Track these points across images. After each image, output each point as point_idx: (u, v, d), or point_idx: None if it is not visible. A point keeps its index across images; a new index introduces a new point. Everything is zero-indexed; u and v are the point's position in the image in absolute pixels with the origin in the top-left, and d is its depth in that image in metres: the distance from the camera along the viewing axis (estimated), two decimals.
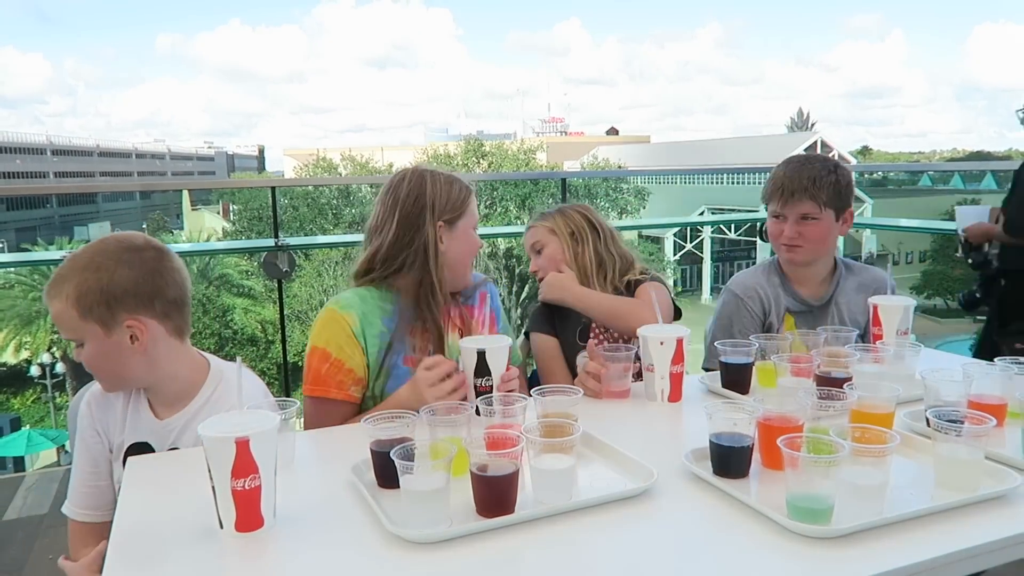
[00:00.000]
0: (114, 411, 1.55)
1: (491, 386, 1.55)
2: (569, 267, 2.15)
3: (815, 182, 2.08)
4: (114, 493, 1.54)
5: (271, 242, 3.77)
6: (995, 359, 1.54)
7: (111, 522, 1.50)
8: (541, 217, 2.26)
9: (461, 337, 1.80)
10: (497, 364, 1.56)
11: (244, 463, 1.07)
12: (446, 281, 1.80)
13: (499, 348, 1.57)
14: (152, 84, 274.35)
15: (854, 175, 2.26)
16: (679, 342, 1.66)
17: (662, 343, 1.65)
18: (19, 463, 15.17)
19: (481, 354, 1.55)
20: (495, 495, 1.12)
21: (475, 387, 1.55)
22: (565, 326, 2.14)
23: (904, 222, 5.55)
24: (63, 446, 15.06)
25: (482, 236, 1.95)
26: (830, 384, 1.46)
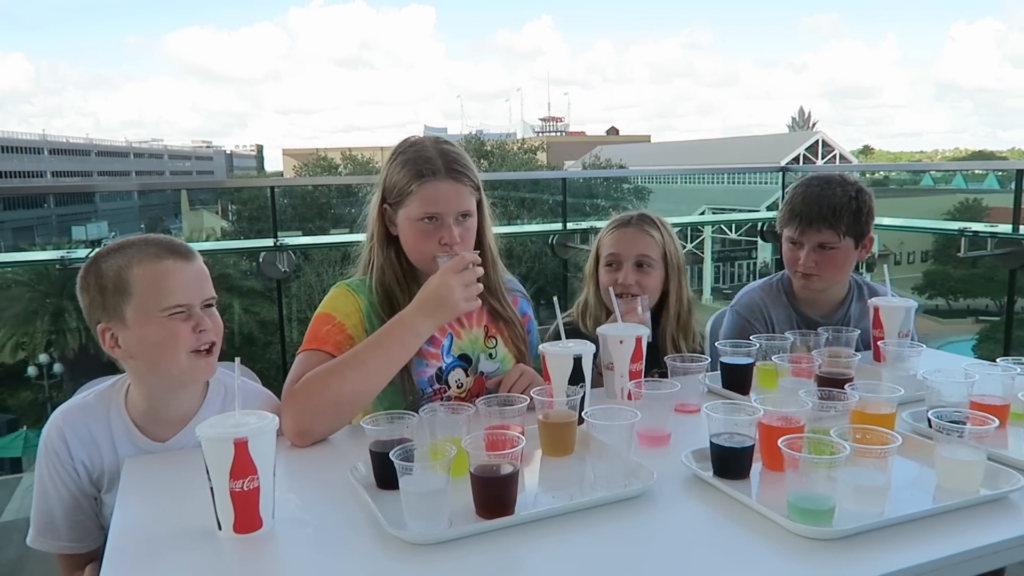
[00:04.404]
0: (96, 444, 1.45)
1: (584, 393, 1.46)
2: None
3: (835, 211, 1.95)
4: (98, 522, 1.47)
5: (270, 242, 3.76)
6: (997, 359, 1.54)
7: (97, 548, 1.46)
8: (647, 223, 2.02)
9: (487, 331, 1.76)
10: (589, 371, 1.51)
11: (242, 464, 1.07)
12: (404, 269, 1.69)
13: (590, 352, 1.51)
14: (138, 85, 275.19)
15: (855, 175, 2.18)
16: (638, 340, 1.63)
17: (621, 341, 1.62)
18: (16, 464, 15.12)
19: (577, 360, 1.48)
20: (495, 496, 1.11)
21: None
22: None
23: (905, 222, 5.52)
24: None
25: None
26: (831, 385, 1.46)
